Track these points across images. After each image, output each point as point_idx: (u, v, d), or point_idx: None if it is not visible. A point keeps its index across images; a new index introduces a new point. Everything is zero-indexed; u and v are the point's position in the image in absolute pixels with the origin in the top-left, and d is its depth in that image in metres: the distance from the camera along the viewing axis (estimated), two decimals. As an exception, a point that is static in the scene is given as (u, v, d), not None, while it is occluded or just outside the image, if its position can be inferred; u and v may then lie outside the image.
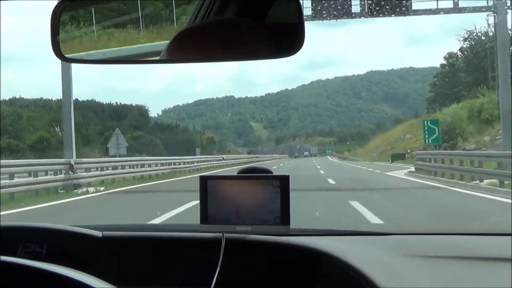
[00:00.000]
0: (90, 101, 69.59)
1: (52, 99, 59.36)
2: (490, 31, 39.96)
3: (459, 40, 56.89)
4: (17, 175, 12.76)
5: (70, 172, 14.50)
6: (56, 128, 38.29)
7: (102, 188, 14.60)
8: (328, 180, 17.36)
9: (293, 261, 1.46)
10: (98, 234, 1.56)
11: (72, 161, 15.06)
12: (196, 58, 1.25)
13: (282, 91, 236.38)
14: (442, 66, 63.08)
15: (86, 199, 12.11)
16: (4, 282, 0.84)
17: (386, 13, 18.72)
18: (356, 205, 9.07)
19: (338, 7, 18.72)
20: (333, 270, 1.36)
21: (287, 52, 1.20)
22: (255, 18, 1.21)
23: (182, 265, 1.50)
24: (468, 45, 55.40)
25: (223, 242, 1.41)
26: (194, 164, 28.53)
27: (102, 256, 1.51)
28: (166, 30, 1.31)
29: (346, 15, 18.91)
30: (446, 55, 61.62)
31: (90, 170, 16.36)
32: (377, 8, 18.44)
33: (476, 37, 53.74)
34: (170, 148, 51.49)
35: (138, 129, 58.25)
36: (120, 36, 1.33)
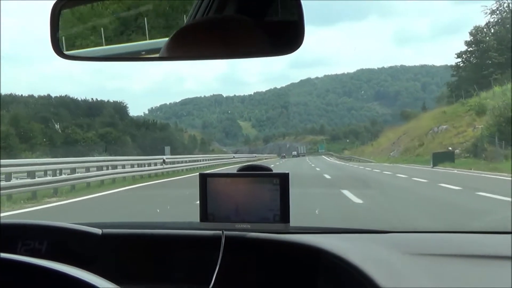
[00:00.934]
0: (64, 97, 65.80)
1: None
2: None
3: (486, 13, 49.30)
4: None
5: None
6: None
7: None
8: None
9: (292, 259, 1.48)
10: (98, 231, 1.58)
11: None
12: (195, 56, 1.26)
13: (271, 90, 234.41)
14: (467, 43, 51.71)
15: None
16: (4, 279, 0.84)
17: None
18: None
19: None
20: (332, 268, 1.38)
21: (287, 49, 1.21)
22: (255, 16, 1.22)
23: (181, 262, 1.51)
24: (496, 19, 47.43)
25: (223, 239, 1.44)
26: (157, 167, 22.82)
27: (102, 253, 1.52)
28: (165, 27, 1.32)
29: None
30: (473, 30, 50.96)
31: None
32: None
33: (507, 8, 45.62)
34: (146, 146, 48.22)
35: (111, 126, 54.50)
36: (119, 33, 1.34)
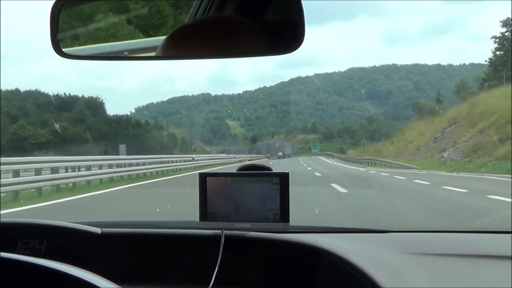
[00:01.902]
0: (34, 91, 61.73)
1: None
2: None
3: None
4: None
5: None
6: None
7: None
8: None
9: (292, 258, 1.49)
10: (97, 230, 1.59)
11: None
12: (196, 55, 1.26)
13: (260, 89, 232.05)
14: (504, 23, 41.80)
15: None
16: (4, 278, 0.85)
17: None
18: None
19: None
20: (332, 267, 1.39)
21: (287, 48, 1.21)
22: (255, 15, 1.22)
23: (181, 262, 1.53)
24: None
25: (223, 239, 1.45)
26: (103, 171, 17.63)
27: (101, 252, 1.54)
28: (165, 26, 1.32)
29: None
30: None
31: None
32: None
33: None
34: (115, 145, 42.99)
35: (79, 122, 50.42)
36: (119, 32, 1.36)
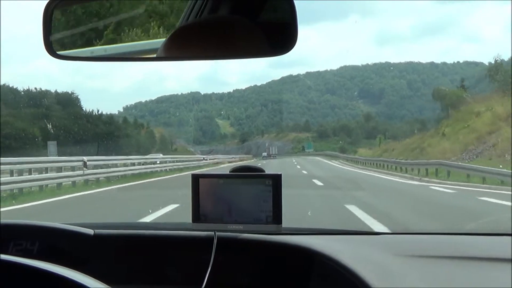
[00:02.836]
0: (2, 86, 58.06)
1: None
2: None
3: None
4: None
5: None
6: None
7: None
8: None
9: (285, 260, 1.50)
10: (90, 232, 1.61)
11: None
12: (189, 57, 1.29)
13: (251, 87, 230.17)
14: None
15: None
16: None
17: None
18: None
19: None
20: (325, 269, 1.41)
21: (280, 50, 1.24)
22: (249, 17, 1.25)
23: (174, 263, 1.54)
24: None
25: (215, 240, 1.47)
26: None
27: (94, 254, 1.55)
28: (159, 28, 1.34)
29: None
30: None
31: None
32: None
33: None
34: (77, 144, 38.01)
35: (43, 118, 45.26)
36: (112, 33, 1.36)
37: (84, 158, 18.07)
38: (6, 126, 38.04)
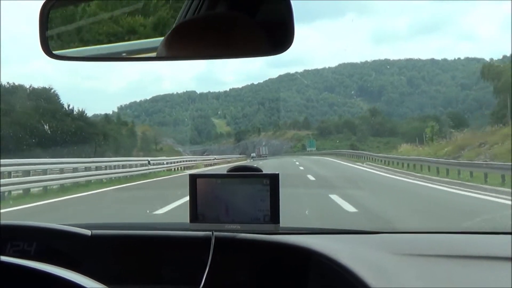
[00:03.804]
0: None
1: None
2: None
3: None
4: None
5: None
6: None
7: None
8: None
9: (283, 259, 1.53)
10: (87, 232, 1.63)
11: None
12: (187, 56, 1.31)
13: (248, 86, 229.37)
14: None
15: None
16: None
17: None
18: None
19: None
20: (322, 268, 1.43)
21: (277, 49, 1.26)
22: (245, 16, 1.26)
23: (171, 263, 1.56)
24: None
25: (213, 240, 1.49)
26: None
27: (91, 254, 1.57)
28: (155, 27, 1.35)
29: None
30: None
31: None
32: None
33: None
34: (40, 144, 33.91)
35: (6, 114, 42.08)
36: (108, 33, 1.38)
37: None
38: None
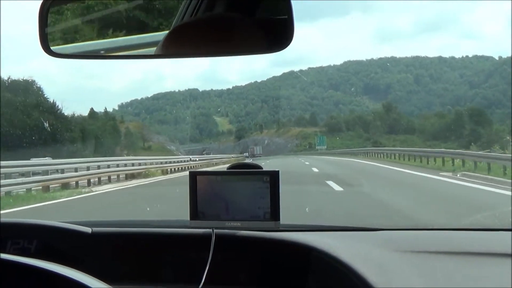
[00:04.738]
0: None
1: None
2: None
3: None
4: None
5: None
6: None
7: None
8: None
9: (283, 256, 1.54)
10: (88, 230, 1.65)
11: None
12: (188, 53, 1.33)
13: (251, 84, 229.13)
14: None
15: None
16: None
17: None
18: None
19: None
20: (323, 265, 1.44)
21: (277, 47, 1.28)
22: (245, 14, 1.28)
23: (172, 261, 1.58)
24: None
25: (213, 238, 1.50)
26: None
27: (92, 252, 1.59)
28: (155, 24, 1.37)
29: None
30: None
31: None
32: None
33: None
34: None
35: None
36: (108, 31, 1.39)
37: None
38: None
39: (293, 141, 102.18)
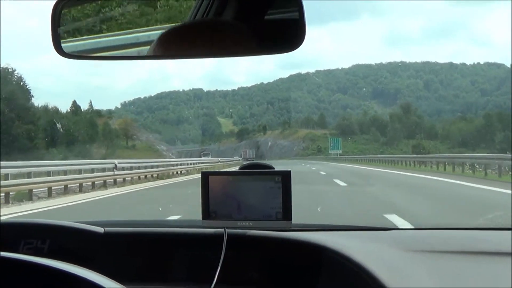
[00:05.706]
0: None
1: None
2: None
3: None
4: None
5: None
6: None
7: None
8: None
9: (295, 256, 1.57)
10: (100, 230, 1.68)
11: None
12: (197, 54, 1.35)
13: (257, 85, 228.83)
14: None
15: None
16: (7, 278, 0.89)
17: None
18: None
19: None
20: (335, 265, 1.47)
21: (289, 47, 1.29)
22: (256, 14, 1.32)
23: (184, 261, 1.61)
24: None
25: (225, 237, 1.53)
26: None
27: (104, 252, 1.63)
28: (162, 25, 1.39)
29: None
30: None
31: None
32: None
33: None
34: None
35: None
36: (120, 32, 1.42)
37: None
38: None
39: (299, 143, 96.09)
